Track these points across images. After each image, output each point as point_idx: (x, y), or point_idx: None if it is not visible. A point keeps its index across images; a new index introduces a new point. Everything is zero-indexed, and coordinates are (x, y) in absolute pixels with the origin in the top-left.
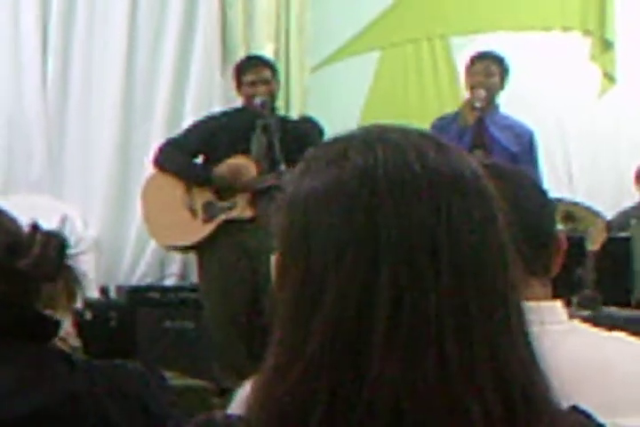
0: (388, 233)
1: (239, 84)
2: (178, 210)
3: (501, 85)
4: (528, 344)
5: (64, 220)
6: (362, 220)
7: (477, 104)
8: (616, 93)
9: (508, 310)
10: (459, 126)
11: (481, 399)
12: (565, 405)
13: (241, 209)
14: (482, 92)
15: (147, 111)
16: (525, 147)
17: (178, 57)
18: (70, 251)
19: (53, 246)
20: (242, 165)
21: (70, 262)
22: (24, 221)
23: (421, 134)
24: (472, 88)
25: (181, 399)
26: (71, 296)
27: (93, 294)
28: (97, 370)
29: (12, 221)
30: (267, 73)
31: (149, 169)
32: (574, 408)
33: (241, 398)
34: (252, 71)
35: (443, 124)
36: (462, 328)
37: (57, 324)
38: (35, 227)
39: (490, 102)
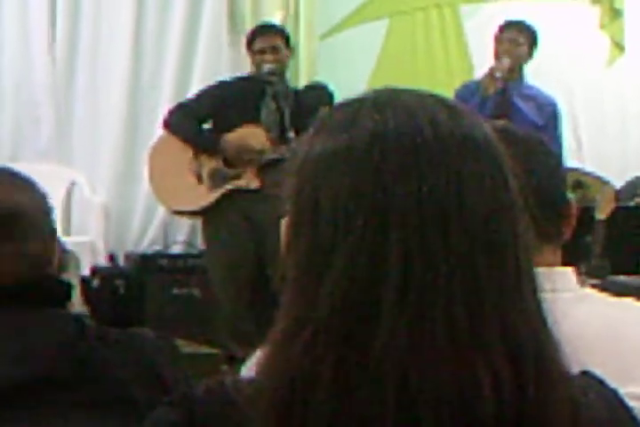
0: (398, 197)
1: (250, 51)
2: (184, 175)
3: (529, 55)
4: (539, 310)
5: (72, 186)
6: (371, 184)
7: (498, 74)
8: (625, 62)
9: (519, 275)
10: (480, 95)
11: (490, 365)
12: (575, 371)
13: (248, 179)
14: (506, 62)
15: (155, 79)
16: (548, 118)
17: (186, 25)
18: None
19: None
20: (251, 134)
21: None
22: None
23: (433, 97)
24: (498, 57)
25: (189, 366)
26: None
27: (101, 261)
28: (109, 336)
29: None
30: (276, 41)
31: (157, 136)
32: (585, 373)
33: (251, 363)
34: (262, 39)
35: (465, 91)
36: (472, 294)
37: (69, 288)
38: None
39: (515, 72)
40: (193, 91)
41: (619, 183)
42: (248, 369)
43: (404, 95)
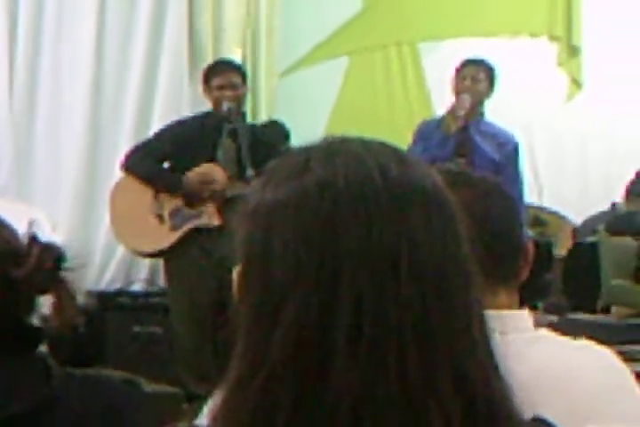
0: (349, 245)
1: (207, 88)
2: (145, 216)
3: (488, 92)
4: (490, 354)
5: (31, 224)
6: (322, 233)
7: (459, 112)
8: (583, 99)
9: (469, 320)
10: (442, 133)
11: (441, 409)
12: (529, 414)
13: (208, 217)
14: (467, 99)
15: (115, 116)
16: (508, 156)
17: (146, 62)
18: (66, 264)
19: (49, 259)
20: (211, 172)
21: (65, 276)
22: None
23: (384, 147)
24: (458, 94)
25: (150, 405)
26: (62, 310)
27: None
28: (76, 382)
29: (10, 229)
30: (235, 78)
31: (118, 174)
32: (538, 419)
33: (208, 408)
34: (221, 75)
35: (427, 129)
36: (423, 338)
37: (40, 333)
38: (33, 238)
39: (475, 109)
40: (154, 127)
41: (579, 220)
42: (204, 415)
43: (354, 144)
